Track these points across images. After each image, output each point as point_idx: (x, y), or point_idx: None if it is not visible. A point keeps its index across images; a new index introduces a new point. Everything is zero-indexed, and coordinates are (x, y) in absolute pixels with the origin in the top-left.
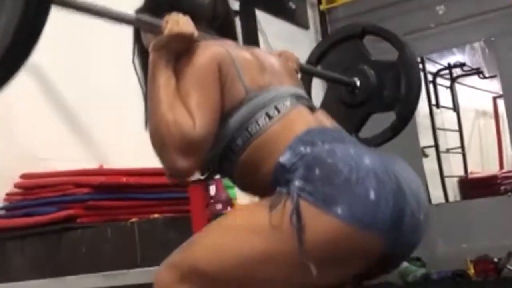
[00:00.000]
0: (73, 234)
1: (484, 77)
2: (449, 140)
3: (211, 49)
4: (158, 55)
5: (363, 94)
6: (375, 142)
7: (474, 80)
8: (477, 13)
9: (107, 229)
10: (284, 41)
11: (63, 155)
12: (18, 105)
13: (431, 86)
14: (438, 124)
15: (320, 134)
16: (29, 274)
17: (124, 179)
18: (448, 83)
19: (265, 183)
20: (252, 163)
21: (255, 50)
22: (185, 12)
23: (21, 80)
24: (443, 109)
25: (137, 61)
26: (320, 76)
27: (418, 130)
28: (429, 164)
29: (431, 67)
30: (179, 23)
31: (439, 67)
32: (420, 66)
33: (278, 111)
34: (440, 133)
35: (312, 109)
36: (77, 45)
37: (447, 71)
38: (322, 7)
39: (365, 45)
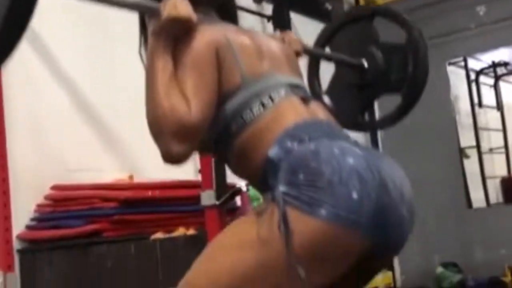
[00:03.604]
0: (99, 249)
1: None
2: (493, 140)
3: (209, 34)
4: (156, 39)
5: (370, 76)
6: (382, 125)
7: None
8: None
9: (131, 246)
10: None
11: (94, 166)
12: (50, 117)
13: (473, 84)
14: (481, 124)
15: (308, 128)
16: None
17: (149, 193)
18: (492, 81)
19: (255, 172)
20: (244, 150)
21: (255, 34)
22: None
23: (53, 92)
24: (486, 109)
25: (143, 52)
26: (326, 58)
27: (459, 130)
28: (471, 166)
29: (474, 64)
30: (176, 7)
31: (483, 65)
32: (462, 64)
33: (272, 100)
34: (483, 133)
35: (306, 99)
36: (108, 57)
37: (491, 69)
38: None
39: (374, 27)
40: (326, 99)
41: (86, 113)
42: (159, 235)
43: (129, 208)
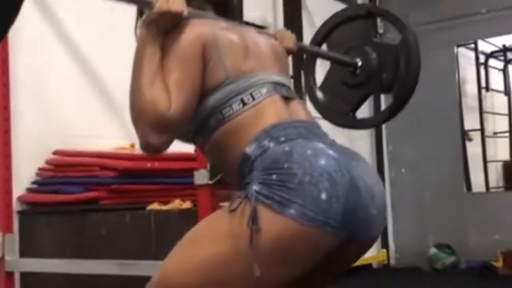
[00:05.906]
0: (95, 216)
1: None
2: (498, 124)
3: (197, 30)
4: (147, 30)
5: (363, 75)
6: (372, 123)
7: None
8: None
9: (126, 215)
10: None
11: (97, 133)
12: (54, 82)
13: (482, 68)
14: (487, 107)
15: (286, 129)
16: (52, 251)
17: (148, 164)
18: (501, 65)
19: (231, 167)
20: (221, 145)
21: (245, 32)
22: None
23: (59, 57)
24: (494, 93)
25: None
26: (320, 56)
27: (464, 113)
28: (474, 149)
29: (484, 47)
30: (168, 0)
31: (493, 48)
32: (473, 46)
33: (253, 99)
34: (488, 117)
35: (288, 98)
36: (113, 25)
37: (501, 53)
38: None
39: (369, 26)
40: (320, 94)
41: (91, 80)
42: (155, 205)
43: (127, 178)
